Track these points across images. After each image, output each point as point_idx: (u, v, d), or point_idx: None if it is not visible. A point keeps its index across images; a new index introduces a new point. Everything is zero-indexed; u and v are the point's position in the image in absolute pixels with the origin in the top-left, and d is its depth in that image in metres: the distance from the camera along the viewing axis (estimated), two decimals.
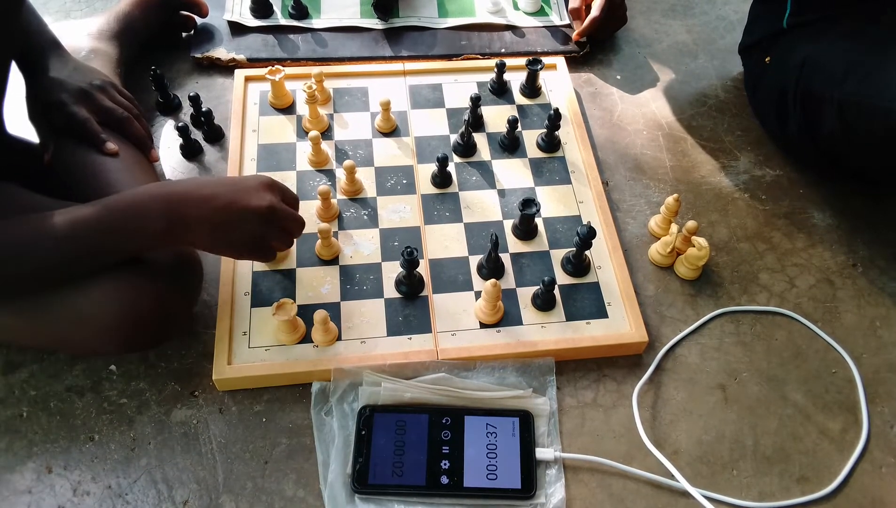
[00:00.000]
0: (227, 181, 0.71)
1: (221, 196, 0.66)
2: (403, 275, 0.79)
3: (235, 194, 0.67)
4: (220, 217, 0.66)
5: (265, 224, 0.68)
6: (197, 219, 0.65)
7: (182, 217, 0.65)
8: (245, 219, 0.67)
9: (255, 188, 0.68)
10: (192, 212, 0.65)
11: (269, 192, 0.69)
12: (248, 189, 0.68)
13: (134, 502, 0.68)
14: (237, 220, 0.67)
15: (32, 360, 0.76)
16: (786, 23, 0.90)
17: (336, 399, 0.73)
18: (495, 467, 0.69)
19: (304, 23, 1.08)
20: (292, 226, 0.72)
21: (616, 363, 0.79)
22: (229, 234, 0.67)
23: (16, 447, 0.70)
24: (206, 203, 0.66)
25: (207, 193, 0.66)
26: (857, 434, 0.76)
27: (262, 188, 0.69)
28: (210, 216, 0.66)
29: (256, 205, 0.67)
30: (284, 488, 0.69)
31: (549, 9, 1.15)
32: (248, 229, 0.67)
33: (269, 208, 0.68)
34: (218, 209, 0.66)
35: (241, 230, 0.67)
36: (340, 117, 0.97)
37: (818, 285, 0.87)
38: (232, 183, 0.69)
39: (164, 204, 0.64)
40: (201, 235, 0.67)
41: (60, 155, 0.81)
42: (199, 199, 0.66)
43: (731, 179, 0.97)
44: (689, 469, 0.72)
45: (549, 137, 0.94)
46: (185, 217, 0.65)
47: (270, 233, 0.69)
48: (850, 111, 0.81)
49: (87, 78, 0.84)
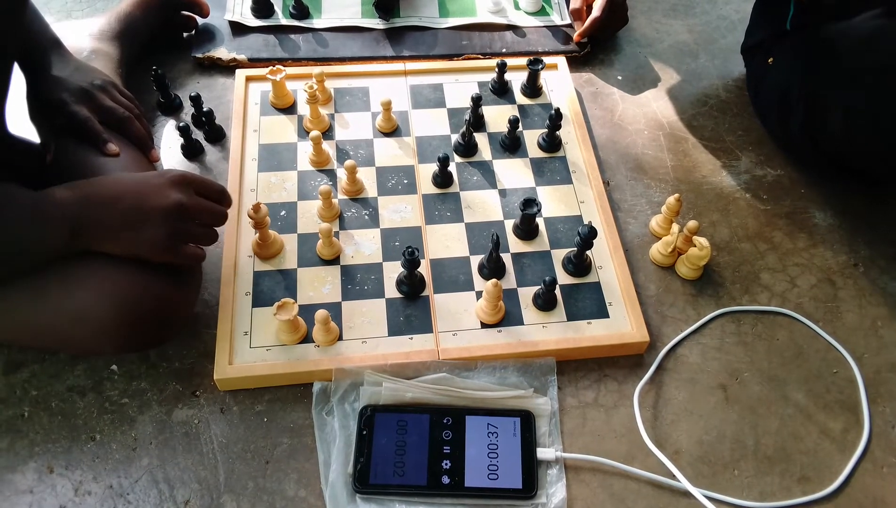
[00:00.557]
0: (133, 180, 0.68)
1: (125, 197, 0.64)
2: (405, 275, 0.79)
3: (140, 195, 0.65)
4: (125, 219, 0.64)
5: (174, 223, 0.66)
6: (100, 223, 0.64)
7: (86, 222, 0.63)
8: (151, 219, 0.65)
9: (162, 186, 0.66)
10: (94, 216, 0.63)
11: (175, 189, 0.66)
12: (153, 188, 0.66)
13: (135, 502, 0.68)
14: (143, 221, 0.64)
15: (34, 360, 0.76)
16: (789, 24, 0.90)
17: (337, 399, 0.73)
18: (496, 467, 0.69)
19: (305, 23, 1.08)
20: (208, 219, 0.70)
21: (617, 362, 0.79)
22: (138, 235, 0.65)
23: (17, 446, 0.71)
24: (110, 206, 0.64)
25: (110, 194, 0.64)
26: (859, 434, 0.76)
27: (168, 186, 0.66)
28: (113, 220, 0.64)
29: (162, 204, 0.65)
30: (286, 488, 0.69)
31: (550, 9, 1.15)
32: (156, 229, 0.65)
33: (176, 206, 0.65)
34: (123, 211, 0.64)
35: (149, 232, 0.65)
36: (341, 117, 0.97)
37: (819, 284, 0.87)
38: (137, 182, 0.67)
39: (65, 209, 0.63)
40: (109, 240, 0.65)
41: (61, 155, 0.81)
42: (101, 202, 0.64)
43: (733, 179, 0.97)
44: (690, 469, 0.72)
45: (550, 137, 0.94)
46: (88, 222, 0.63)
47: (182, 231, 0.67)
48: (855, 114, 0.81)
49: (89, 78, 0.84)
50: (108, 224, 0.64)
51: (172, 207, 0.65)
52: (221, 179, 0.92)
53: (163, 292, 0.68)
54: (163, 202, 0.65)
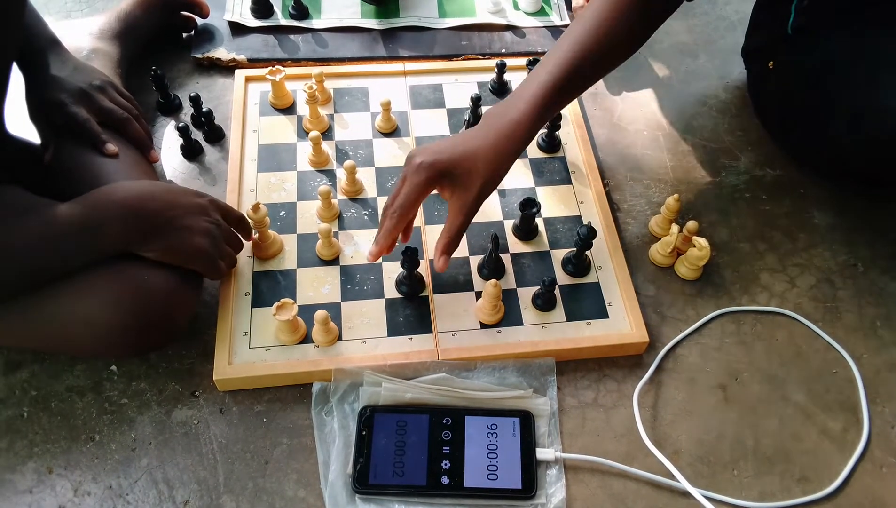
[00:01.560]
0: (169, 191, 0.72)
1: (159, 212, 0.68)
2: (404, 275, 0.79)
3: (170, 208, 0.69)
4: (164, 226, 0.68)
5: (213, 236, 0.71)
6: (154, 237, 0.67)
7: (136, 234, 0.67)
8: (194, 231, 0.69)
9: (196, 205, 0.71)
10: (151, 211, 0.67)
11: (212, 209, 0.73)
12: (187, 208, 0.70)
13: (135, 502, 0.68)
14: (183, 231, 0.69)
15: (33, 360, 0.76)
16: (790, 28, 0.90)
17: (337, 399, 0.73)
18: (496, 467, 0.69)
19: (305, 23, 1.08)
20: (232, 240, 0.76)
21: (617, 363, 0.79)
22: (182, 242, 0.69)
23: (17, 447, 0.70)
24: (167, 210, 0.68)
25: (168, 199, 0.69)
26: (858, 434, 0.76)
27: (207, 208, 0.72)
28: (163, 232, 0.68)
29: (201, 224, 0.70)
30: (285, 488, 0.69)
31: (549, 9, 1.15)
32: (201, 239, 0.70)
33: (214, 221, 0.72)
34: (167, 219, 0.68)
35: (195, 239, 0.69)
36: (341, 118, 0.97)
37: (819, 285, 0.87)
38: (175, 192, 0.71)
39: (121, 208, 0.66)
40: (158, 248, 0.68)
41: (60, 155, 0.81)
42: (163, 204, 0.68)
43: (732, 179, 0.97)
44: (689, 469, 0.72)
45: (550, 138, 0.94)
46: (140, 235, 0.67)
47: (217, 245, 0.72)
48: (858, 118, 0.80)
49: (88, 78, 0.84)
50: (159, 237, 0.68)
51: (205, 225, 0.71)
52: (221, 180, 0.92)
53: (166, 296, 0.68)
54: (201, 223, 0.70)
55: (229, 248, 0.75)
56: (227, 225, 0.75)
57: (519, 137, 0.70)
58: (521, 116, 0.70)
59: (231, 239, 0.76)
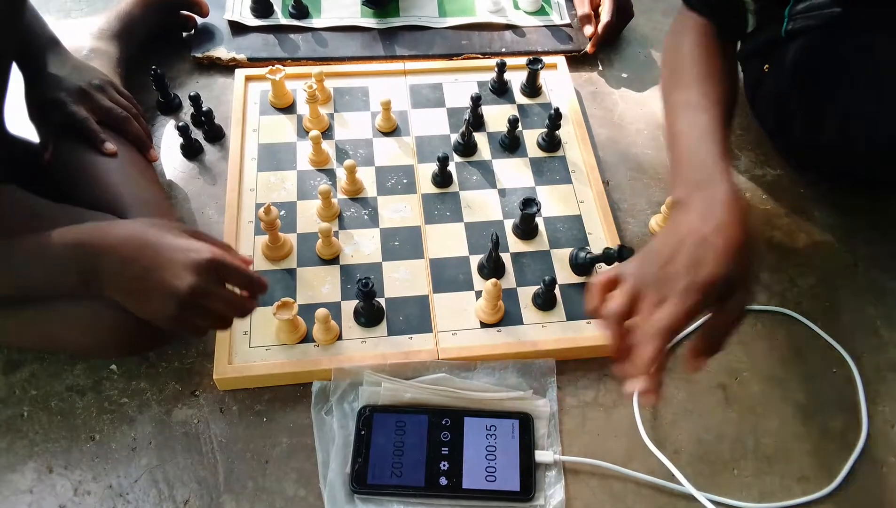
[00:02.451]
0: (154, 244, 0.62)
1: (140, 262, 0.61)
2: (361, 306, 0.77)
3: (154, 265, 0.60)
4: (133, 285, 0.61)
5: (180, 306, 0.61)
6: (108, 282, 0.62)
7: (95, 273, 0.61)
8: (157, 295, 0.61)
9: (181, 265, 0.60)
10: (105, 269, 0.61)
11: (194, 272, 0.60)
12: (170, 263, 0.60)
13: (135, 501, 0.68)
14: (150, 292, 0.61)
15: (33, 360, 0.76)
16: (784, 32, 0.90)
17: (336, 399, 0.73)
18: (494, 469, 0.69)
19: (305, 22, 1.08)
20: (226, 310, 0.64)
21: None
22: (143, 304, 0.62)
23: (17, 446, 0.71)
24: (121, 266, 0.61)
25: (126, 253, 0.61)
26: (858, 434, 0.75)
27: (188, 267, 0.60)
28: (119, 284, 0.62)
29: (172, 285, 0.60)
30: (285, 487, 0.69)
31: (549, 8, 1.15)
32: (161, 305, 0.61)
33: (186, 293, 0.60)
34: (131, 278, 0.61)
35: (154, 305, 0.62)
36: (341, 117, 0.97)
37: (819, 284, 0.87)
38: (158, 247, 0.62)
39: (78, 255, 0.61)
40: (118, 296, 0.62)
41: (59, 154, 0.81)
42: (116, 259, 0.61)
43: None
44: (689, 469, 0.72)
45: (550, 137, 0.94)
46: (97, 274, 0.61)
47: (188, 314, 0.62)
48: (852, 121, 0.81)
49: (87, 77, 0.84)
50: (117, 283, 0.62)
51: (182, 292, 0.60)
52: (220, 179, 0.92)
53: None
54: (174, 283, 0.60)
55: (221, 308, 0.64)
56: (223, 291, 0.64)
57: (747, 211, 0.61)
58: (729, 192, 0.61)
59: (229, 303, 0.64)
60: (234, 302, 0.64)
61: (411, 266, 0.83)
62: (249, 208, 0.86)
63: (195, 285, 0.60)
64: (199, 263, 0.61)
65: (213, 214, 0.89)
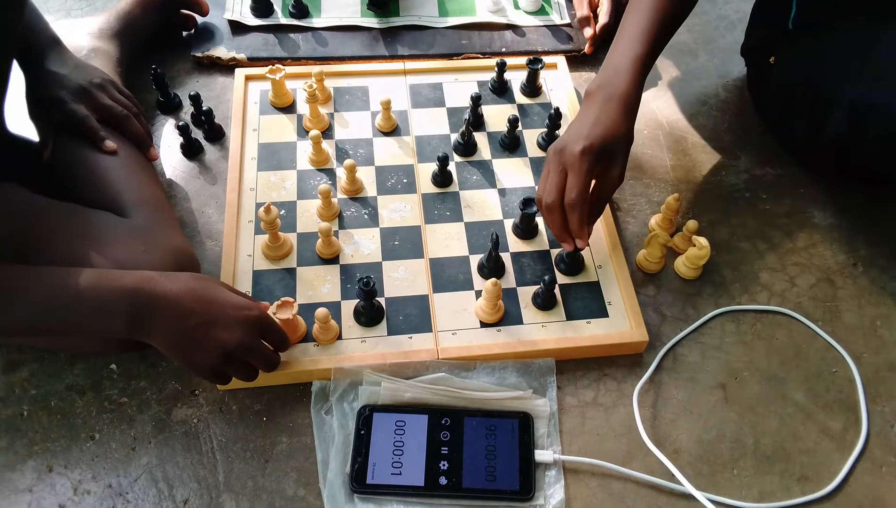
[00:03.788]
0: (210, 299, 0.66)
1: (199, 315, 0.64)
2: (361, 306, 0.77)
3: (208, 321, 0.64)
4: (185, 336, 0.64)
5: (224, 358, 0.65)
6: (159, 330, 0.64)
7: (144, 323, 0.63)
8: (205, 349, 0.64)
9: (234, 321, 0.65)
10: (156, 320, 0.63)
11: (245, 328, 0.65)
12: (225, 318, 0.65)
13: (134, 501, 0.68)
14: (197, 345, 0.64)
15: (33, 359, 0.76)
16: (791, 23, 0.90)
17: (336, 398, 0.73)
18: (494, 468, 0.69)
19: (305, 22, 1.08)
20: (258, 364, 0.69)
21: (616, 362, 0.79)
22: (188, 354, 0.65)
23: (16, 446, 0.71)
24: (181, 316, 0.63)
25: (188, 305, 0.64)
26: (858, 434, 0.76)
27: (240, 323, 0.65)
28: (172, 333, 0.64)
29: (224, 339, 0.64)
30: (285, 487, 0.69)
31: (549, 8, 1.15)
32: (205, 357, 0.65)
33: (236, 346, 0.65)
34: (182, 329, 0.63)
35: (198, 356, 0.65)
36: (341, 116, 0.97)
37: (819, 284, 0.87)
38: (213, 303, 0.65)
39: (132, 300, 0.62)
40: (161, 344, 0.65)
41: (59, 152, 0.81)
42: (177, 309, 0.63)
43: (732, 179, 0.97)
44: (689, 469, 0.72)
45: (550, 137, 0.94)
46: (147, 324, 0.63)
47: (230, 365, 0.67)
48: (861, 113, 0.80)
49: (87, 76, 0.84)
50: (170, 332, 0.64)
51: (230, 346, 0.64)
52: (221, 179, 0.92)
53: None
54: (224, 338, 0.64)
55: (257, 362, 0.69)
56: (262, 346, 0.69)
57: (633, 112, 0.77)
58: (627, 92, 0.76)
59: (265, 358, 0.69)
60: (270, 358, 0.69)
61: (411, 266, 0.83)
62: (249, 208, 0.86)
63: (243, 340, 0.65)
64: (251, 320, 0.66)
65: (212, 213, 0.89)
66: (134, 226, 0.74)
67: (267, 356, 0.69)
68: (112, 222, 0.74)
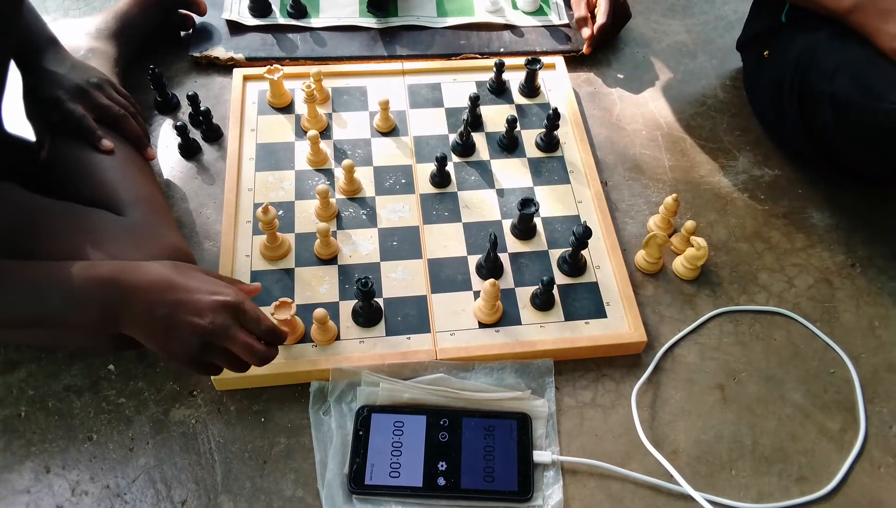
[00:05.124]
0: (180, 286, 0.63)
1: (166, 305, 0.62)
2: (360, 306, 0.77)
3: (179, 307, 0.62)
4: (157, 326, 0.62)
5: (200, 346, 0.62)
6: (133, 321, 0.62)
7: (117, 314, 0.62)
8: (179, 335, 0.62)
9: (206, 306, 0.62)
10: (131, 310, 0.62)
11: (219, 314, 0.62)
12: (196, 304, 0.62)
13: (132, 501, 0.68)
14: (171, 331, 0.62)
15: (30, 359, 0.75)
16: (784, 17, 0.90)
17: (334, 399, 0.72)
18: (492, 469, 0.69)
19: (303, 22, 1.08)
20: (238, 351, 0.64)
21: (615, 362, 0.79)
22: (164, 344, 0.63)
23: (14, 446, 0.70)
24: (148, 307, 0.62)
25: (155, 296, 0.62)
26: (856, 434, 0.76)
27: (213, 308, 0.62)
28: (145, 323, 0.62)
29: (196, 324, 0.61)
30: (283, 487, 0.69)
31: (547, 8, 1.15)
32: (180, 346, 0.62)
33: (209, 329, 0.62)
34: (155, 319, 0.62)
35: (173, 345, 0.62)
36: (339, 117, 0.97)
37: (817, 284, 0.87)
38: (183, 289, 0.63)
39: (104, 292, 0.62)
40: (139, 336, 0.63)
41: (56, 152, 0.81)
42: (144, 301, 0.62)
43: (730, 179, 0.97)
44: (687, 469, 0.72)
45: (548, 137, 0.94)
46: (120, 315, 0.62)
47: (207, 355, 0.64)
48: (842, 107, 0.81)
49: (85, 76, 0.84)
50: (141, 324, 0.63)
51: (203, 331, 0.62)
52: (219, 179, 0.92)
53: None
54: (196, 323, 0.61)
55: (238, 351, 0.64)
56: (240, 333, 0.64)
57: None
58: None
59: (245, 347, 0.64)
60: (251, 346, 0.64)
61: (409, 266, 0.83)
62: (247, 208, 0.86)
63: (216, 324, 0.62)
64: (222, 303, 0.63)
65: (210, 213, 0.89)
66: (130, 225, 0.74)
67: (248, 345, 0.64)
68: (109, 221, 0.74)
